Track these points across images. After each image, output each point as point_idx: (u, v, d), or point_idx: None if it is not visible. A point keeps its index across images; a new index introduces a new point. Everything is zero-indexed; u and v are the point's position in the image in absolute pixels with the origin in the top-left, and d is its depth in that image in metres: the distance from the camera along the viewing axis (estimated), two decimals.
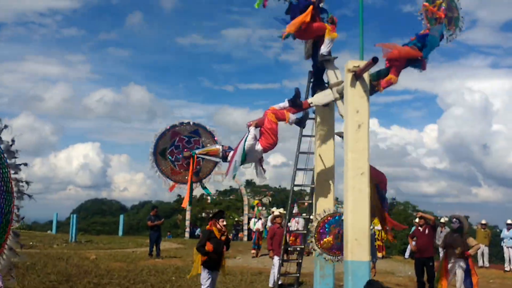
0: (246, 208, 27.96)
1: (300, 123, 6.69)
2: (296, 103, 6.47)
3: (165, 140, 6.68)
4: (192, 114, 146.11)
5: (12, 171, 3.30)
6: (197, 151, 6.50)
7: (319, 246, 6.93)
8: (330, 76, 6.81)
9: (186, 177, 6.56)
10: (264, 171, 6.43)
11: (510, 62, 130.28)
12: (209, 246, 6.66)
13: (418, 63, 6.52)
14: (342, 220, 6.53)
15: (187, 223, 27.39)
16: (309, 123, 8.20)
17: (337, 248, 6.98)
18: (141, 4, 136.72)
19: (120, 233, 27.96)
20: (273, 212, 13.38)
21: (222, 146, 6.54)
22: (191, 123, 6.76)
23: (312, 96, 7.22)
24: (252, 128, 6.21)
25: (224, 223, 6.95)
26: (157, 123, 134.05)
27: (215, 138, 6.83)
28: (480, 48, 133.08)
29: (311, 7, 6.28)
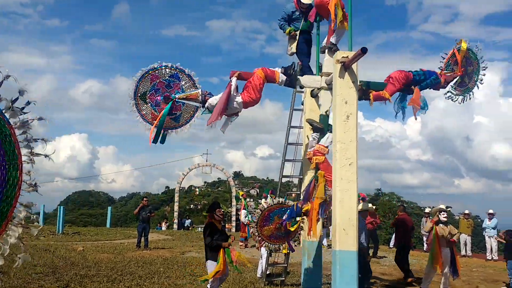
0: (234, 200, 28.09)
1: (286, 72, 6.50)
2: (287, 72, 6.48)
3: (145, 83, 6.46)
4: None
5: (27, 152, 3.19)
6: (177, 95, 6.38)
7: (260, 232, 7.06)
8: (326, 64, 6.85)
9: (171, 123, 6.46)
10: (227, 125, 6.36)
11: (491, 55, 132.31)
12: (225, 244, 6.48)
13: (411, 92, 7.01)
14: (288, 212, 6.73)
15: (175, 214, 27.40)
16: (296, 114, 8.27)
17: (276, 237, 7.16)
18: None
19: (108, 224, 27.80)
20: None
21: (202, 90, 6.41)
22: (169, 65, 6.53)
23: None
24: (234, 79, 6.16)
25: (222, 211, 6.79)
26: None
27: (195, 82, 6.61)
28: None
29: None
